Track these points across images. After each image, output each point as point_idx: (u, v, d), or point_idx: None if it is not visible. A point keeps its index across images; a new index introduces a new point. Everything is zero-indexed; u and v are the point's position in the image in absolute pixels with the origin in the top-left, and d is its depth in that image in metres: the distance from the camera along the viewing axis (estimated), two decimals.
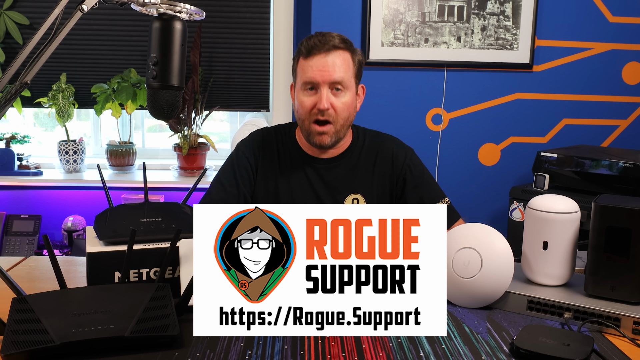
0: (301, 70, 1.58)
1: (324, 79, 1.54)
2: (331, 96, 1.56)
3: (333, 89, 1.56)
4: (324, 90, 1.55)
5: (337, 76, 1.55)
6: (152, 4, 1.15)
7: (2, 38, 2.73)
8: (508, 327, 1.19)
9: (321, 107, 1.54)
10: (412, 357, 1.05)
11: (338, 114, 1.57)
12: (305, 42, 1.57)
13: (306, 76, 1.56)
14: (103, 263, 1.23)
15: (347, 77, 1.57)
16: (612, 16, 2.83)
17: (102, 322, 1.04)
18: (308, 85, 1.57)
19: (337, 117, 1.57)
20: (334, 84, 1.55)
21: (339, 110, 1.57)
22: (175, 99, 1.20)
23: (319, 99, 1.55)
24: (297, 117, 1.63)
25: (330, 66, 1.54)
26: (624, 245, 1.19)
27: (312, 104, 1.56)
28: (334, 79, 1.54)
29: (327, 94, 1.55)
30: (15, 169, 2.78)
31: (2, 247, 2.71)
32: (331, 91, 1.56)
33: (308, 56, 1.56)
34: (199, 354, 1.04)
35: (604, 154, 2.50)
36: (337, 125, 1.58)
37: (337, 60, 1.55)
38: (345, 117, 1.59)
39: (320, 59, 1.55)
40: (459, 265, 1.27)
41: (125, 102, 2.69)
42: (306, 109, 1.57)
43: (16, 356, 0.98)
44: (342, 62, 1.56)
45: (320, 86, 1.55)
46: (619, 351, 1.10)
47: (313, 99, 1.56)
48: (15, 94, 1.06)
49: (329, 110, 1.55)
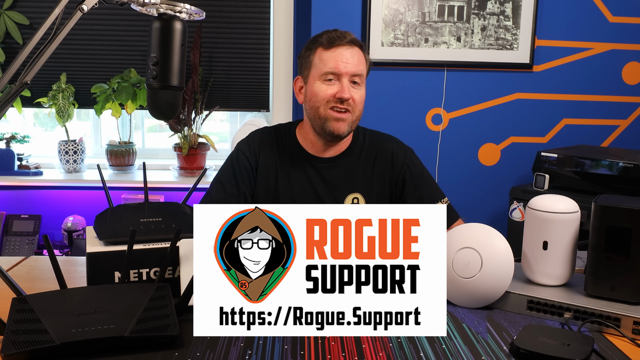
0: (320, 61, 1.59)
1: (347, 69, 1.57)
2: (351, 87, 1.58)
3: (352, 81, 1.58)
4: (345, 80, 1.57)
5: (358, 69, 1.58)
6: (152, 4, 1.15)
7: (2, 38, 2.73)
8: (508, 327, 1.19)
9: (345, 95, 1.56)
10: (412, 357, 1.05)
11: (356, 105, 1.59)
12: (325, 34, 1.60)
13: (327, 67, 1.57)
14: (103, 263, 1.23)
15: (364, 72, 1.62)
16: (612, 16, 2.83)
17: (102, 322, 1.04)
18: (328, 76, 1.58)
19: (354, 108, 1.59)
20: (354, 77, 1.58)
21: (357, 101, 1.60)
22: (175, 99, 1.20)
23: (340, 88, 1.57)
24: (309, 106, 1.62)
25: (351, 58, 1.58)
26: (624, 245, 1.19)
27: (332, 92, 1.57)
28: (355, 71, 1.58)
29: (348, 84, 1.57)
30: (15, 169, 2.78)
31: (2, 247, 2.71)
32: (350, 84, 1.58)
33: (330, 47, 1.58)
34: (199, 354, 1.04)
35: (604, 154, 2.50)
36: (354, 115, 1.60)
37: (357, 55, 1.60)
38: (360, 109, 1.62)
39: (343, 51, 1.58)
40: (459, 265, 1.27)
41: (125, 102, 2.69)
42: (325, 97, 1.58)
43: (16, 356, 0.98)
44: (361, 58, 1.61)
45: (342, 77, 1.57)
46: (619, 351, 1.10)
47: (334, 88, 1.57)
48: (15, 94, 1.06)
49: (350, 99, 1.57)
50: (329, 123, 1.58)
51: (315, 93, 1.59)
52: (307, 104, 1.63)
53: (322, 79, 1.58)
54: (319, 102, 1.59)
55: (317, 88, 1.59)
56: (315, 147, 1.67)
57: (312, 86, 1.60)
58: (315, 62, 1.60)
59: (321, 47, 1.60)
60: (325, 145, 1.66)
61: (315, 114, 1.60)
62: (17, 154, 2.83)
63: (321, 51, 1.59)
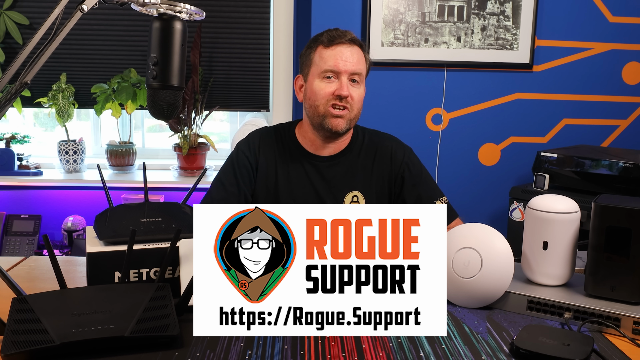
0: (320, 59, 1.61)
1: (346, 68, 1.58)
2: (350, 85, 1.59)
3: (351, 79, 1.60)
4: (344, 78, 1.58)
5: (357, 67, 1.60)
6: (152, 4, 1.15)
7: (2, 38, 2.73)
8: (508, 327, 1.19)
9: (343, 92, 1.57)
10: (412, 357, 1.05)
11: (355, 103, 1.61)
12: (326, 33, 1.62)
13: (327, 64, 1.59)
14: (103, 263, 1.23)
15: (363, 71, 1.63)
16: (612, 16, 2.82)
17: (102, 322, 1.04)
18: (328, 74, 1.59)
19: (353, 106, 1.60)
20: (353, 75, 1.59)
21: (356, 99, 1.61)
22: (175, 99, 1.20)
23: (339, 86, 1.58)
24: (308, 104, 1.64)
25: (351, 57, 1.59)
26: (624, 245, 1.18)
27: (331, 90, 1.59)
28: (354, 69, 1.59)
29: (347, 82, 1.59)
30: (15, 169, 2.78)
31: (2, 247, 2.71)
32: (349, 82, 1.60)
33: (330, 45, 1.60)
34: (199, 354, 1.04)
35: (604, 154, 2.50)
36: (352, 113, 1.61)
37: (356, 54, 1.61)
38: (359, 107, 1.63)
39: (343, 49, 1.59)
40: (459, 265, 1.27)
41: (125, 102, 2.69)
42: (325, 94, 1.59)
43: (16, 356, 0.98)
44: (360, 56, 1.62)
45: (342, 75, 1.58)
46: (619, 351, 1.09)
47: (333, 85, 1.59)
48: (15, 94, 1.06)
49: (348, 97, 1.58)
50: (327, 120, 1.60)
51: (314, 91, 1.60)
52: (307, 101, 1.64)
53: (322, 76, 1.60)
54: (318, 99, 1.60)
55: (316, 86, 1.60)
56: (315, 146, 1.68)
57: (312, 84, 1.61)
58: (316, 60, 1.61)
59: (322, 45, 1.61)
60: (324, 143, 1.67)
61: (315, 112, 1.61)
62: (17, 154, 2.83)
63: (321, 49, 1.61)
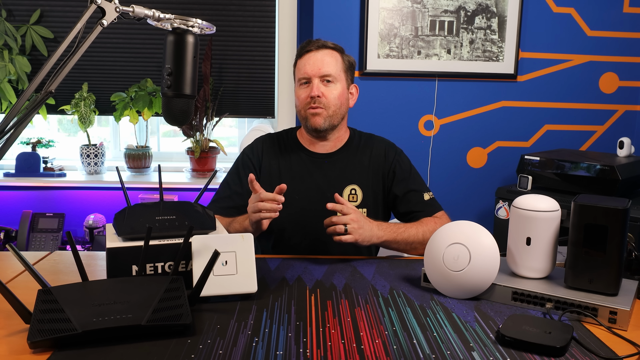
0: (297, 69, 1.67)
1: (314, 72, 1.62)
2: (322, 86, 1.63)
3: (324, 81, 1.63)
4: (316, 81, 1.63)
5: (325, 69, 1.63)
6: (166, 19, 1.16)
7: (28, 50, 2.73)
8: (494, 317, 1.19)
9: (312, 94, 1.61)
10: (406, 343, 1.05)
11: (329, 101, 1.63)
12: (300, 47, 1.69)
13: (300, 73, 1.65)
14: (121, 257, 1.23)
15: (335, 70, 1.65)
16: (590, 30, 2.83)
17: (121, 311, 1.04)
18: (303, 80, 1.65)
19: (328, 104, 1.63)
20: (324, 77, 1.63)
21: (330, 98, 1.64)
22: (188, 106, 1.20)
23: (311, 89, 1.62)
24: (296, 110, 1.70)
25: (319, 61, 1.63)
26: (601, 241, 1.18)
27: (307, 94, 1.63)
28: (323, 72, 1.63)
29: (318, 84, 1.62)
30: (40, 171, 2.79)
31: (28, 243, 2.71)
32: (322, 83, 1.63)
33: (302, 55, 1.66)
34: (209, 341, 1.04)
35: (582, 157, 2.50)
36: (329, 110, 1.64)
37: (325, 57, 1.64)
38: (337, 105, 1.65)
39: (311, 56, 1.64)
40: (449, 260, 1.27)
41: (142, 110, 2.69)
42: (303, 99, 1.65)
43: (41, 343, 0.98)
44: (330, 58, 1.65)
45: (313, 78, 1.63)
46: (596, 338, 1.09)
47: (307, 90, 1.64)
48: (40, 102, 1.06)
49: (321, 97, 1.62)
50: (308, 120, 1.65)
51: (296, 98, 1.67)
52: (296, 109, 1.71)
53: (299, 84, 1.66)
54: (299, 104, 1.67)
55: (297, 93, 1.67)
56: (313, 145, 1.73)
57: (296, 92, 1.68)
58: (295, 72, 1.69)
59: (298, 57, 1.68)
60: (318, 141, 1.72)
61: (300, 115, 1.68)
62: (43, 157, 2.83)
63: (298, 61, 1.68)
